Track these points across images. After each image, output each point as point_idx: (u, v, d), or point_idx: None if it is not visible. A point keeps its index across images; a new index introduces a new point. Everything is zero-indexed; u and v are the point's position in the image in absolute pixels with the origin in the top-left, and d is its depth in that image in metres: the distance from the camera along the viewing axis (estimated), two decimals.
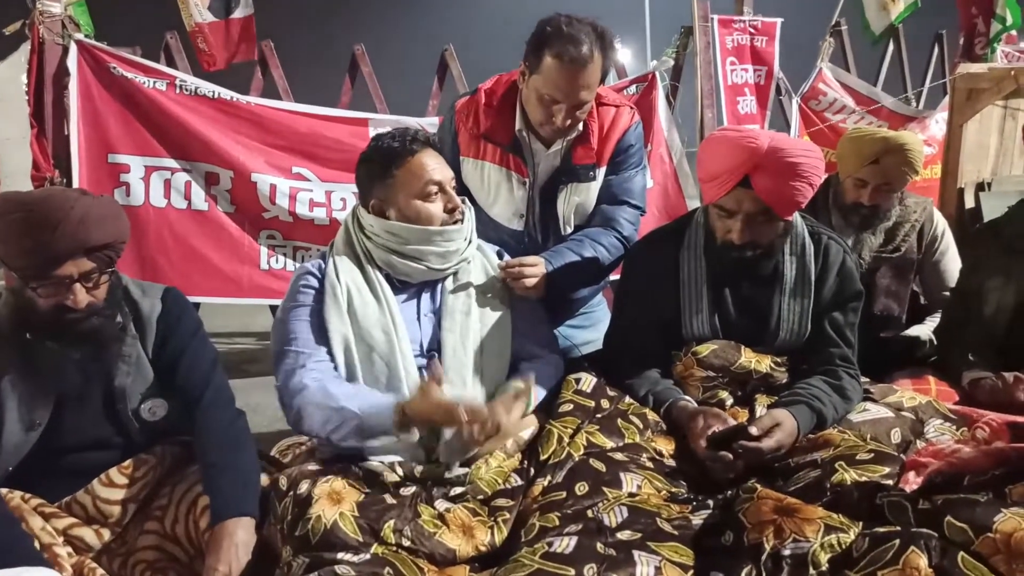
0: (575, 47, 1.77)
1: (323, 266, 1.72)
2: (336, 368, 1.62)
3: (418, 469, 1.52)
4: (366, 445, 1.52)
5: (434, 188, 1.68)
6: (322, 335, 1.64)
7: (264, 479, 1.52)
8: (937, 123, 4.29)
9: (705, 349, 1.74)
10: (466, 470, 1.54)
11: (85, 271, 1.44)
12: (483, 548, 1.36)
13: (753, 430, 1.50)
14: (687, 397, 1.73)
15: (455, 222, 1.72)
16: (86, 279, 1.44)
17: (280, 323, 1.68)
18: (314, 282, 1.70)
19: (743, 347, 1.75)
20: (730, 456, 1.49)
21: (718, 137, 1.73)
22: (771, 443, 1.49)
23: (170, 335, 1.60)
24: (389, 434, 1.50)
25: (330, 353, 1.62)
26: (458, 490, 1.48)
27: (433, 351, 1.67)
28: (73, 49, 3.26)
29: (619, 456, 1.51)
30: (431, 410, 1.46)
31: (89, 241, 1.42)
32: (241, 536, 1.36)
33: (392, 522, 1.32)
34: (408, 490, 1.45)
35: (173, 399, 1.59)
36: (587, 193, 2.03)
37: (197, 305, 3.62)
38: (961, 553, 1.10)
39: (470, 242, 1.77)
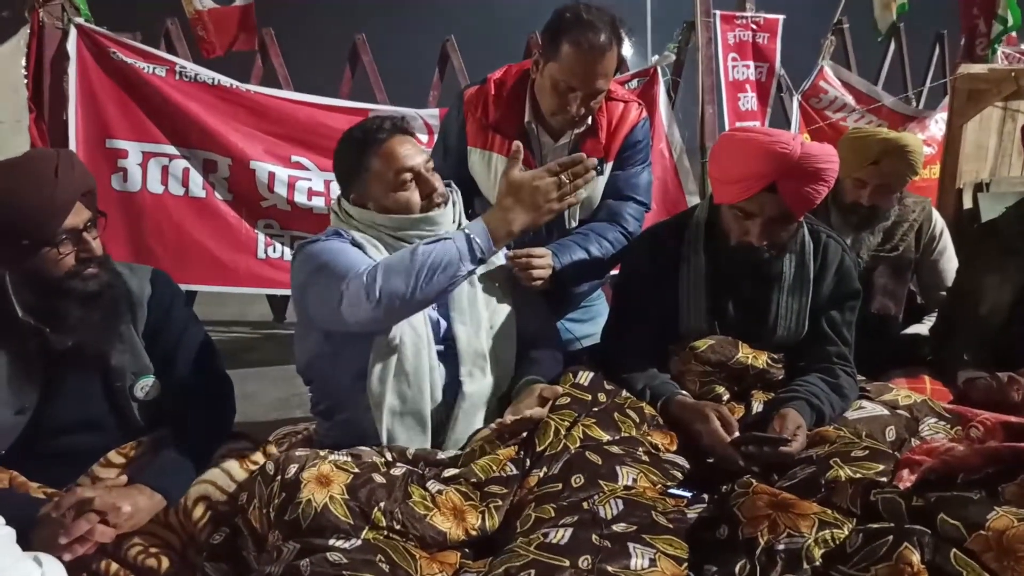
0: (594, 34, 1.77)
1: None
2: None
3: (410, 451, 1.52)
4: (459, 274, 1.48)
5: (407, 176, 1.63)
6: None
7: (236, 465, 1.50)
8: (937, 123, 4.30)
9: (703, 344, 1.74)
10: (459, 452, 1.54)
11: (86, 219, 1.42)
12: (474, 532, 1.36)
13: (790, 448, 1.48)
14: (684, 392, 1.73)
15: (436, 205, 1.67)
16: (90, 228, 1.42)
17: (320, 270, 1.53)
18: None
19: (740, 343, 1.76)
20: (756, 456, 1.49)
21: (743, 139, 1.69)
22: (797, 446, 1.50)
23: (163, 323, 1.59)
24: (491, 247, 1.50)
25: None
26: (451, 472, 1.47)
27: (447, 338, 1.64)
28: (73, 33, 3.25)
29: (615, 449, 1.51)
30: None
31: (84, 183, 1.41)
32: (146, 503, 1.38)
33: (382, 504, 1.31)
34: (398, 470, 1.44)
35: (165, 382, 1.58)
36: (593, 187, 2.02)
37: (193, 293, 3.62)
38: (953, 550, 1.11)
39: (460, 226, 1.74)
